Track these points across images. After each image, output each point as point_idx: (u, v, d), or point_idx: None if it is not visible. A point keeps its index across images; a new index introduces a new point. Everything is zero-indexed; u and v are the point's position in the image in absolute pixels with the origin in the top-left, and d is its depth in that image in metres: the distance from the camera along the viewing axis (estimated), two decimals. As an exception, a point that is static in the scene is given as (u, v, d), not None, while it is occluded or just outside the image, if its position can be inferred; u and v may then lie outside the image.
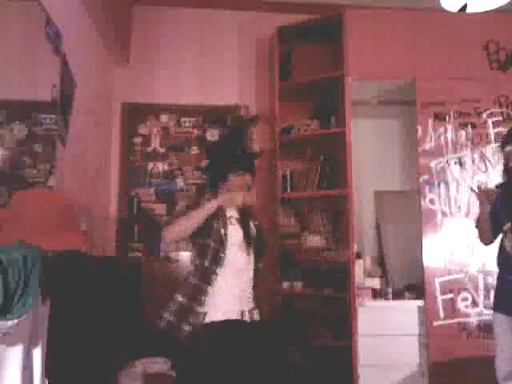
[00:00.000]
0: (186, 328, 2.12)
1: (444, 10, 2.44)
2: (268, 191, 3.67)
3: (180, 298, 2.18)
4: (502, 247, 2.45)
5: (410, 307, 3.19)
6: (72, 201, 1.54)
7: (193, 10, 3.90)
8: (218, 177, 2.32)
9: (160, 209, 3.74)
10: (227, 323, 2.13)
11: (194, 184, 3.78)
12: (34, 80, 2.27)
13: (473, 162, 3.26)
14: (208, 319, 2.12)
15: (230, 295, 2.17)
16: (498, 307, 2.43)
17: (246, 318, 2.18)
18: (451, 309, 3.11)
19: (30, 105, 2.29)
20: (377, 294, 3.31)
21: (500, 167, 2.69)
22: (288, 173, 3.57)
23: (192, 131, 3.86)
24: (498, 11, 2.54)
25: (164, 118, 3.85)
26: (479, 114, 3.30)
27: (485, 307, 3.09)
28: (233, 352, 2.09)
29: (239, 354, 2.10)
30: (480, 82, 3.32)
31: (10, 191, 1.97)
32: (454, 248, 3.17)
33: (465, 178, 3.24)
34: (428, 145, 3.26)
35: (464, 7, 2.35)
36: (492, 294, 3.08)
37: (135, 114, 3.81)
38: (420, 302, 3.16)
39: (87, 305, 2.23)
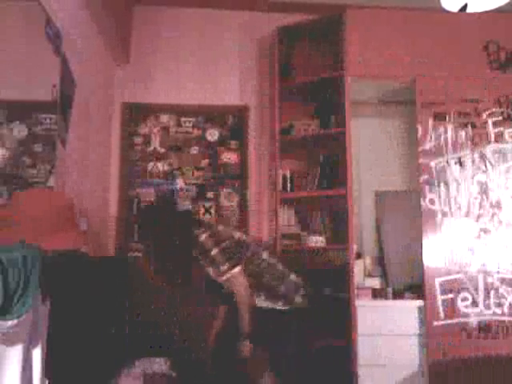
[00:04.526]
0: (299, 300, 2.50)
1: (444, 10, 2.44)
2: (268, 191, 3.68)
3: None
4: None
5: (410, 307, 3.18)
6: (72, 201, 1.54)
7: (193, 10, 3.90)
8: None
9: (160, 209, 3.74)
10: None
11: (194, 184, 3.78)
12: (34, 80, 2.26)
13: (473, 162, 3.26)
14: None
15: None
16: None
17: None
18: (451, 309, 3.10)
19: (30, 105, 2.29)
20: (377, 294, 3.30)
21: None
22: (288, 173, 3.57)
23: (192, 131, 3.86)
24: (498, 11, 2.53)
25: (164, 117, 3.85)
26: (479, 114, 3.30)
27: (485, 307, 3.09)
28: None
29: None
30: (480, 82, 3.32)
31: (10, 191, 1.97)
32: (454, 248, 3.16)
33: (465, 178, 3.24)
34: (428, 145, 3.25)
35: (464, 7, 2.34)
36: (492, 293, 3.11)
37: (135, 114, 3.81)
38: (420, 302, 3.16)
39: (87, 305, 2.23)
